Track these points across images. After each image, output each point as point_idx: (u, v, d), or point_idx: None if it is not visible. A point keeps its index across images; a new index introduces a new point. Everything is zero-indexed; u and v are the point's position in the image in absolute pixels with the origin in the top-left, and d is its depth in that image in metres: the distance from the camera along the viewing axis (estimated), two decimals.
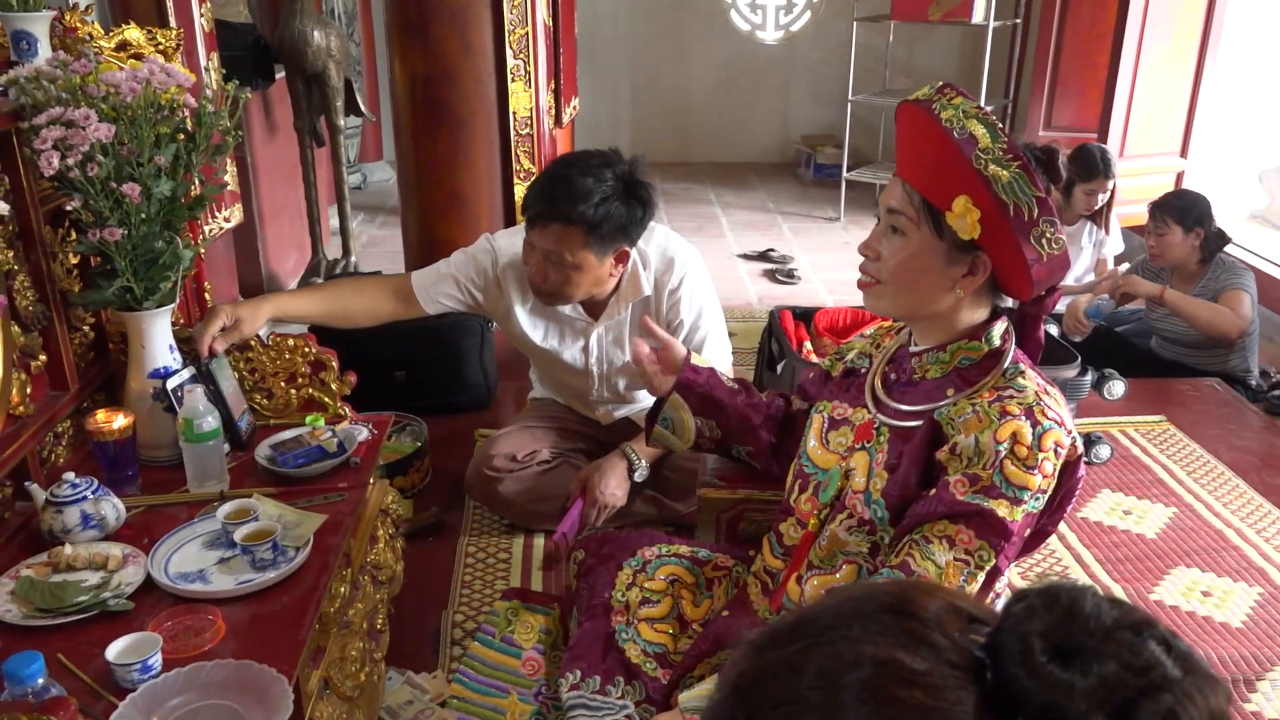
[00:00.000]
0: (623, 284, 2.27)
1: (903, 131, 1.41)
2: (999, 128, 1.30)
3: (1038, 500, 1.32)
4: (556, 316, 2.34)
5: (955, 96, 1.32)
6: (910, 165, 1.39)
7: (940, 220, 1.33)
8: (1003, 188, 1.27)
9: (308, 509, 1.59)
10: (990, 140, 1.28)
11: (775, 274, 4.76)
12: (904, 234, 1.38)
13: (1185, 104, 4.70)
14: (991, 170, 1.27)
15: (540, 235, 2.10)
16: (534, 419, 2.53)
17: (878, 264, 1.43)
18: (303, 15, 3.69)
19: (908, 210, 1.36)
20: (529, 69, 3.13)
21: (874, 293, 1.45)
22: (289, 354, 1.91)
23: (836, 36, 6.46)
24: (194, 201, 1.72)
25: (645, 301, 2.30)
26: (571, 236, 2.08)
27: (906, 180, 1.37)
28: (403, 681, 1.88)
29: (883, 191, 1.44)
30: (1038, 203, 1.28)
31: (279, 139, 4.26)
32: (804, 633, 0.56)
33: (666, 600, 1.74)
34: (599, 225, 2.07)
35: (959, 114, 1.30)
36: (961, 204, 1.30)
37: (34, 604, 1.35)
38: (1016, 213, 1.27)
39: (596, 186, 2.05)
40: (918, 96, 1.35)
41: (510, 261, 2.29)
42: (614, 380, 2.44)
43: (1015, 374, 1.37)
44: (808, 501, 1.55)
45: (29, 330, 1.62)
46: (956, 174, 1.29)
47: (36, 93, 1.54)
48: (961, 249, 1.34)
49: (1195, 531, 2.50)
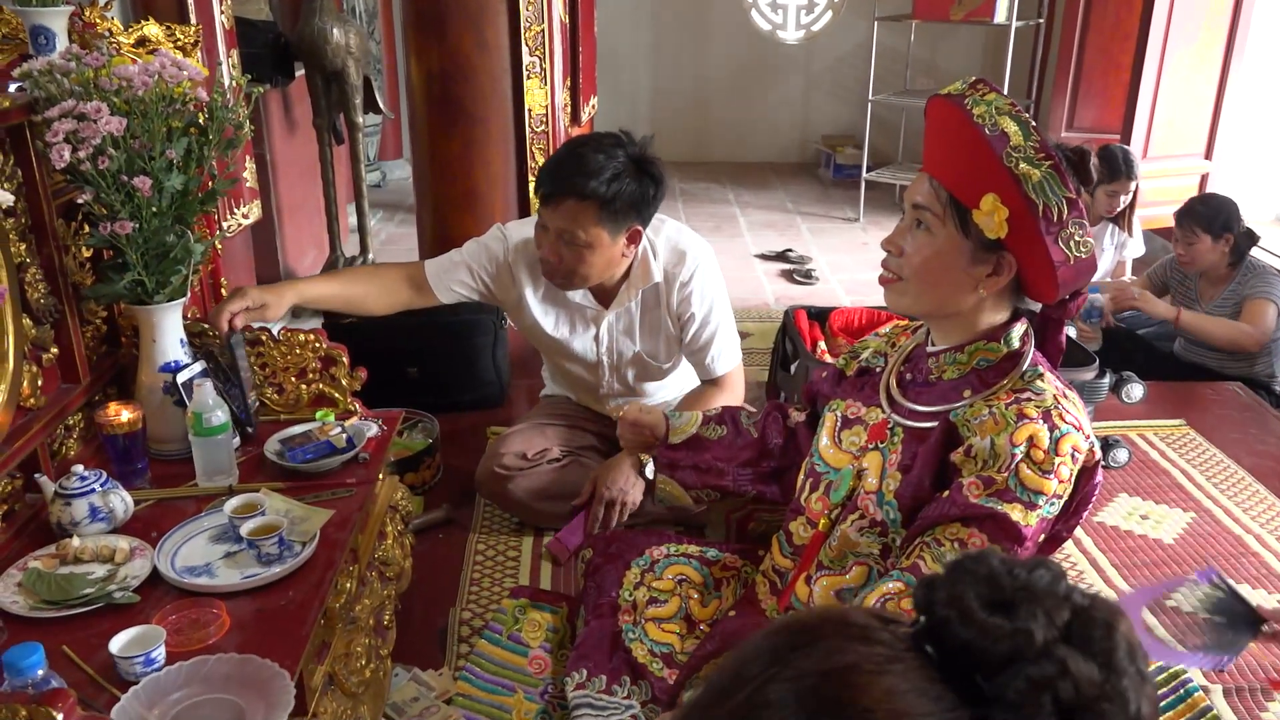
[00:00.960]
0: (633, 270, 2.28)
1: (932, 126, 1.38)
2: (1032, 126, 1.27)
3: (1053, 505, 1.30)
4: (567, 305, 2.34)
5: (988, 92, 1.30)
6: (939, 161, 1.36)
7: (967, 218, 1.31)
8: (1033, 187, 1.25)
9: (315, 504, 1.59)
10: (1022, 138, 1.26)
11: (793, 274, 4.74)
12: (929, 230, 1.35)
13: (1210, 105, 4.64)
14: (1022, 169, 1.25)
15: (553, 214, 2.11)
16: (545, 417, 2.53)
17: (900, 260, 1.40)
18: (323, 13, 3.70)
19: (934, 206, 1.34)
20: (545, 66, 3.13)
21: (895, 289, 1.42)
22: (300, 349, 1.91)
23: (857, 36, 6.42)
24: (206, 196, 1.73)
25: (655, 289, 2.30)
26: (585, 213, 2.08)
27: (934, 176, 1.35)
28: (409, 678, 1.88)
29: (909, 186, 1.41)
30: (1068, 204, 1.25)
31: (298, 136, 4.28)
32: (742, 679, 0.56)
33: (674, 600, 1.73)
34: (612, 201, 2.07)
35: (991, 110, 1.28)
36: (990, 202, 1.27)
37: (41, 595, 1.35)
38: (1046, 213, 1.25)
39: (608, 163, 2.07)
40: (950, 91, 1.33)
41: (522, 249, 2.30)
42: (624, 371, 2.43)
43: (1034, 376, 1.35)
44: (818, 501, 1.53)
45: (41, 323, 1.63)
46: (986, 171, 1.27)
47: (50, 86, 1.55)
48: (987, 248, 1.32)
49: (1214, 537, 2.47)
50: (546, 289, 2.32)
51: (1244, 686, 1.91)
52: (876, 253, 1.45)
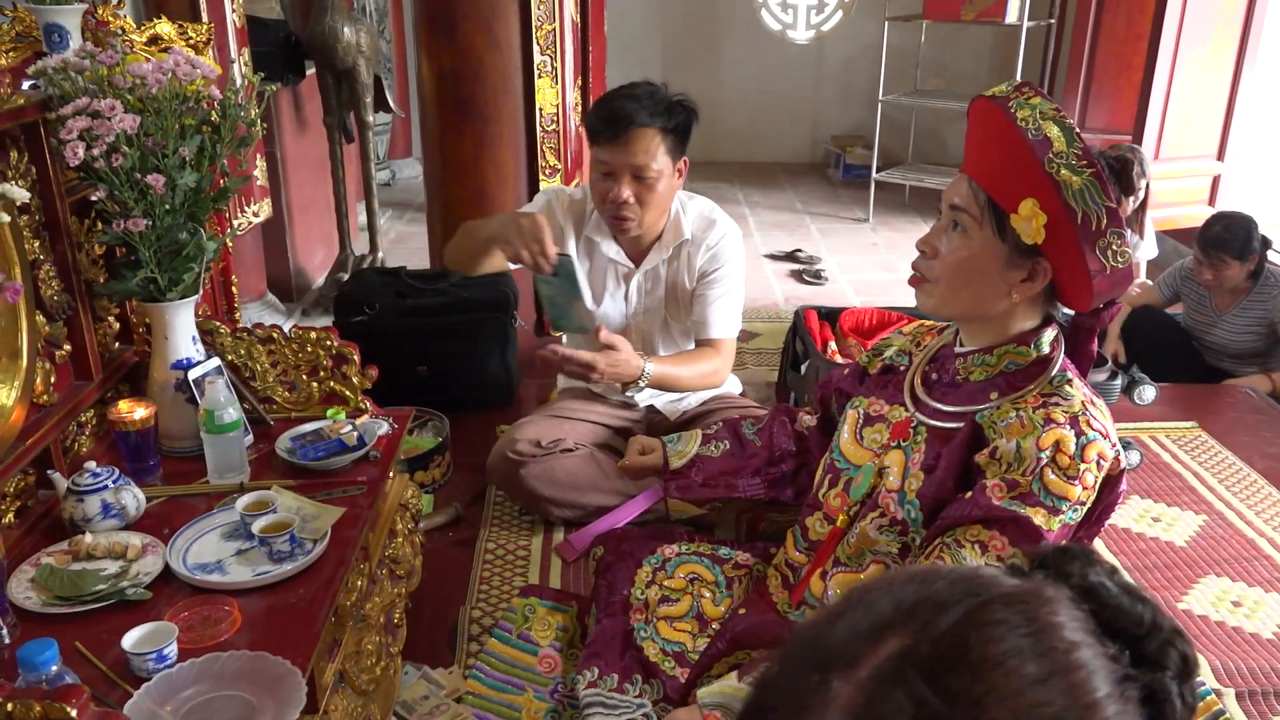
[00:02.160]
0: (666, 230, 2.37)
1: (974, 128, 1.37)
2: (1075, 132, 1.26)
3: (1076, 512, 1.30)
4: (601, 263, 2.40)
5: (1033, 96, 1.28)
6: (979, 163, 1.35)
7: (1004, 221, 1.30)
8: (1073, 194, 1.23)
9: (327, 502, 1.59)
10: (1065, 144, 1.24)
11: (802, 274, 4.73)
12: (965, 232, 1.34)
13: (1223, 106, 4.62)
14: (1063, 175, 1.23)
15: (624, 150, 2.18)
16: (562, 409, 2.53)
17: (933, 261, 1.39)
18: (333, 12, 3.71)
19: (971, 208, 1.33)
20: (556, 65, 3.13)
21: (926, 290, 1.41)
22: (312, 347, 1.91)
23: (868, 36, 6.41)
24: (218, 193, 1.73)
25: (681, 249, 2.39)
26: (653, 141, 2.18)
27: (973, 178, 1.34)
28: (419, 676, 1.88)
29: (947, 187, 1.40)
30: (1108, 213, 1.24)
31: (309, 135, 4.29)
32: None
33: (686, 599, 1.73)
34: (675, 128, 2.20)
35: (1035, 114, 1.26)
36: (1028, 207, 1.26)
37: (54, 592, 1.35)
38: (1084, 221, 1.24)
39: (660, 94, 2.20)
40: (994, 93, 1.32)
41: (568, 205, 2.40)
42: (648, 333, 2.47)
43: (1062, 382, 1.35)
44: (837, 497, 1.53)
45: (54, 320, 1.63)
46: (1026, 175, 1.26)
47: (64, 83, 1.55)
48: (1023, 253, 1.31)
49: (1226, 540, 2.45)
50: (583, 244, 2.40)
51: (1258, 690, 1.90)
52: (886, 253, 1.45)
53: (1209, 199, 4.71)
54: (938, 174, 5.80)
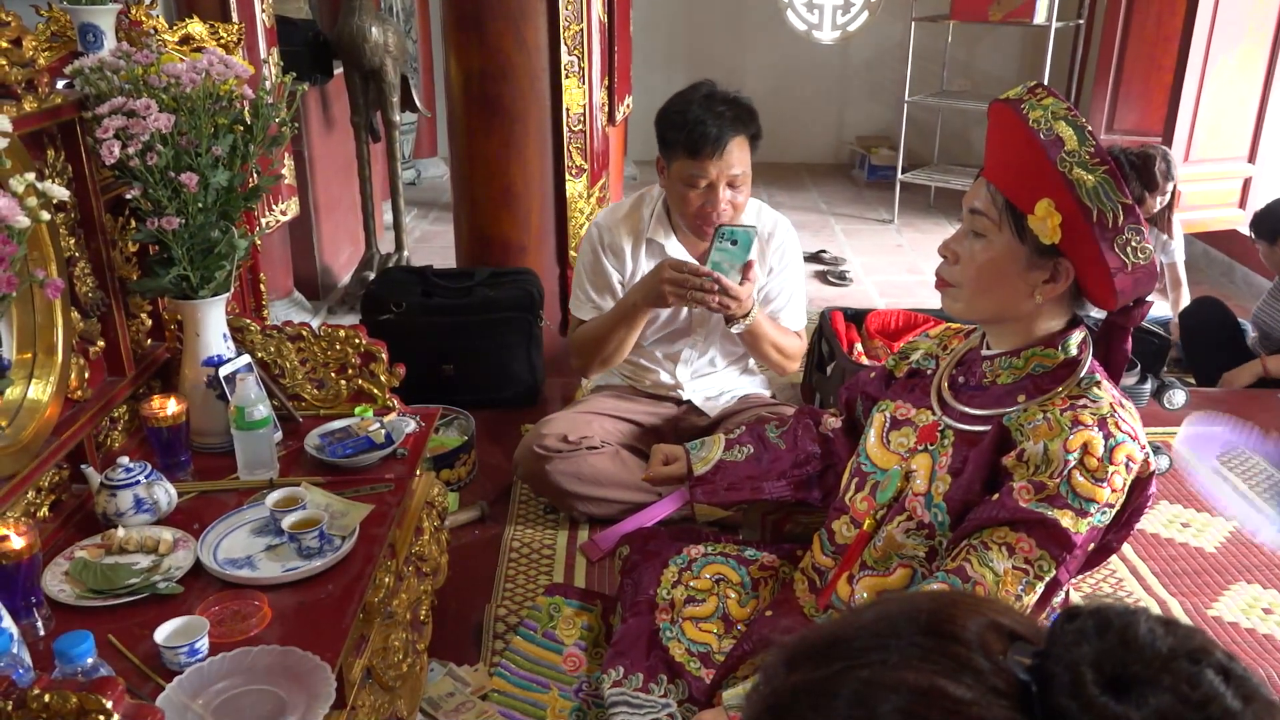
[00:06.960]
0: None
1: (992, 131, 1.37)
2: (1088, 130, 1.26)
3: (1104, 514, 1.29)
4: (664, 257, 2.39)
5: (1046, 97, 1.28)
6: (996, 166, 1.36)
7: (1022, 223, 1.30)
8: (1086, 192, 1.23)
9: (355, 499, 1.60)
10: (1077, 143, 1.24)
11: (827, 275, 4.72)
12: (985, 236, 1.35)
13: (1254, 108, 4.56)
14: (1076, 174, 1.23)
15: (721, 162, 2.21)
16: (591, 407, 2.53)
17: (955, 267, 1.40)
18: (361, 12, 3.73)
19: (990, 212, 1.33)
20: (583, 65, 3.13)
21: (951, 295, 1.42)
22: (340, 345, 1.92)
23: (894, 37, 6.38)
24: (250, 192, 1.74)
25: None
26: (743, 149, 2.24)
27: (992, 181, 1.34)
28: (445, 673, 1.89)
29: (968, 191, 1.41)
30: (1123, 209, 1.23)
31: (336, 134, 4.31)
32: (838, 654, 0.54)
33: (712, 599, 1.72)
34: (758, 132, 2.27)
35: (1047, 115, 1.26)
36: (1044, 207, 1.26)
37: (87, 585, 1.37)
38: (1100, 219, 1.23)
39: (733, 100, 2.25)
40: (1008, 96, 1.32)
41: (610, 229, 2.44)
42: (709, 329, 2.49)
43: (1090, 384, 1.34)
44: (864, 501, 1.53)
45: (88, 316, 1.65)
46: (1041, 176, 1.26)
47: (100, 83, 1.57)
48: (1043, 254, 1.31)
49: (1256, 547, 2.43)
50: (647, 248, 2.43)
51: None
52: (911, 255, 1.45)
53: (1239, 202, 4.65)
54: (963, 175, 5.76)
